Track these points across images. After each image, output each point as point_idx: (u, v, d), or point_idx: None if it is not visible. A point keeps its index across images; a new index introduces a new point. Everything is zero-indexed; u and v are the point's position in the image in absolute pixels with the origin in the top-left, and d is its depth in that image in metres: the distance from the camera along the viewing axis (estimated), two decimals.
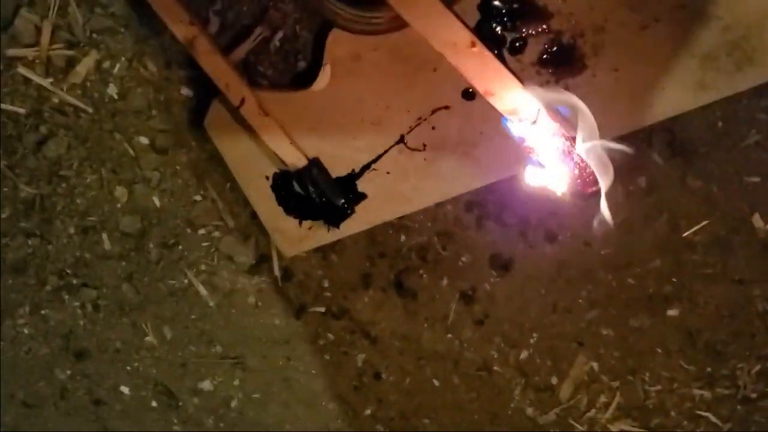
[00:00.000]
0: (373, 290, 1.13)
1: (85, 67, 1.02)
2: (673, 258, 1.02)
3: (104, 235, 1.14)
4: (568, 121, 0.72)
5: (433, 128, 0.96)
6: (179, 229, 1.12)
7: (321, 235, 1.08)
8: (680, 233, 1.00)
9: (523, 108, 0.73)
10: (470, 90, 0.93)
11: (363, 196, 1.03)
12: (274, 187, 1.05)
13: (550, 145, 0.71)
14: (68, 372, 1.29)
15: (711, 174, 0.97)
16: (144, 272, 1.17)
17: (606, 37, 0.89)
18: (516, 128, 0.73)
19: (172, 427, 1.30)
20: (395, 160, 0.99)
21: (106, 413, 1.31)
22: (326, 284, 1.14)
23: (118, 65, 1.01)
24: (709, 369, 1.08)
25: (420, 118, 0.96)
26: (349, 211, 1.04)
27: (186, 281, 1.16)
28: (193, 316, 1.19)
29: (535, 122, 0.71)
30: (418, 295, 1.12)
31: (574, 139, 0.71)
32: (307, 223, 1.07)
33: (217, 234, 1.12)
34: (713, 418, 1.11)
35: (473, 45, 0.72)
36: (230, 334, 1.20)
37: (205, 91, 1.02)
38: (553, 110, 0.71)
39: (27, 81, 1.03)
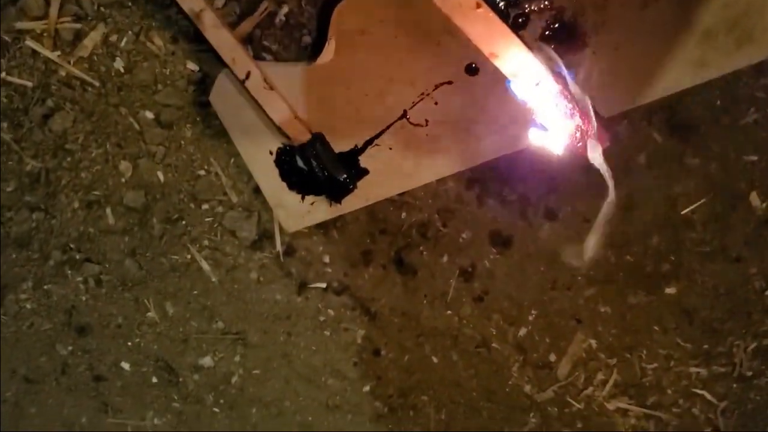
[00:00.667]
0: (374, 267, 1.14)
1: (92, 40, 1.03)
2: (671, 235, 1.03)
3: (108, 210, 1.15)
4: (570, 84, 0.74)
5: (436, 103, 0.98)
6: (183, 204, 1.13)
7: (323, 210, 1.09)
8: (678, 211, 1.02)
9: (526, 70, 0.74)
10: (473, 65, 0.94)
11: (365, 172, 1.04)
12: (278, 162, 1.06)
13: (552, 108, 0.73)
14: (69, 348, 1.30)
15: (710, 152, 0.98)
16: (147, 247, 1.18)
17: (607, 15, 0.90)
18: (519, 90, 0.75)
19: (172, 404, 1.31)
20: (397, 135, 1.01)
21: (106, 389, 1.32)
22: (327, 260, 1.15)
23: (125, 39, 1.02)
24: (705, 346, 1.09)
25: (423, 94, 0.97)
26: (351, 187, 1.05)
27: (189, 256, 1.17)
28: (195, 292, 1.20)
29: (538, 84, 0.73)
30: (418, 272, 1.13)
31: (575, 101, 0.72)
32: (309, 199, 1.08)
33: (220, 209, 1.13)
34: (709, 396, 1.12)
35: (478, 6, 0.73)
36: (232, 309, 1.21)
37: (211, 65, 1.03)
38: (557, 73, 0.73)
39: (35, 54, 1.04)
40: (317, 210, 1.09)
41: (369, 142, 1.02)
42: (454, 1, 0.73)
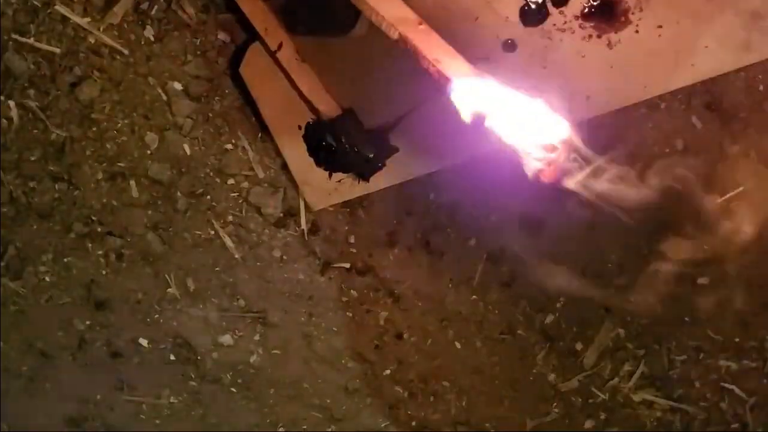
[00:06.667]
0: (399, 248, 1.12)
1: (123, 7, 1.02)
2: (705, 224, 1.01)
3: (132, 182, 1.14)
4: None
5: None
6: (208, 179, 1.12)
7: (350, 189, 1.07)
8: (715, 199, 0.99)
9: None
10: (511, 41, 0.93)
11: (395, 150, 1.02)
12: (306, 137, 1.04)
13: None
14: (87, 322, 1.28)
15: (749, 139, 0.96)
16: (170, 222, 1.16)
17: None
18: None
19: (189, 382, 1.30)
20: (430, 112, 0.99)
21: (123, 366, 1.31)
22: (352, 240, 1.13)
23: (156, 7, 1.01)
24: (736, 340, 1.07)
25: None
26: (379, 165, 1.03)
27: (212, 232, 1.16)
28: (217, 268, 1.19)
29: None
30: (445, 255, 1.11)
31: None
32: (336, 177, 1.06)
33: (246, 184, 1.12)
34: (738, 391, 1.10)
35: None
36: (254, 287, 1.19)
37: (242, 37, 1.02)
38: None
39: (64, 20, 1.03)
40: (344, 188, 1.07)
41: (400, 119, 1.01)
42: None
